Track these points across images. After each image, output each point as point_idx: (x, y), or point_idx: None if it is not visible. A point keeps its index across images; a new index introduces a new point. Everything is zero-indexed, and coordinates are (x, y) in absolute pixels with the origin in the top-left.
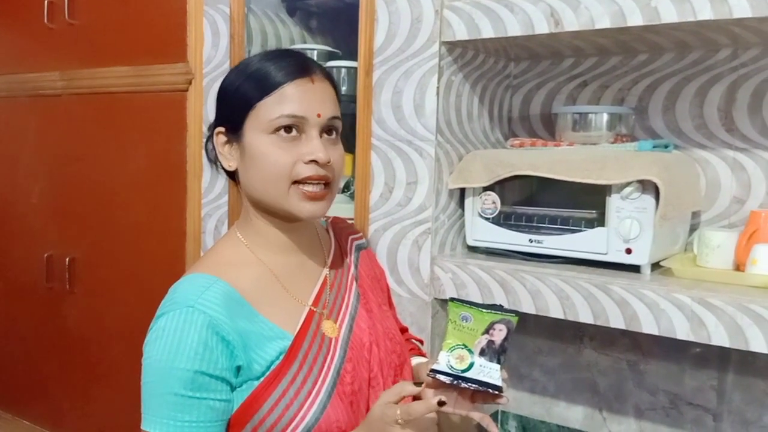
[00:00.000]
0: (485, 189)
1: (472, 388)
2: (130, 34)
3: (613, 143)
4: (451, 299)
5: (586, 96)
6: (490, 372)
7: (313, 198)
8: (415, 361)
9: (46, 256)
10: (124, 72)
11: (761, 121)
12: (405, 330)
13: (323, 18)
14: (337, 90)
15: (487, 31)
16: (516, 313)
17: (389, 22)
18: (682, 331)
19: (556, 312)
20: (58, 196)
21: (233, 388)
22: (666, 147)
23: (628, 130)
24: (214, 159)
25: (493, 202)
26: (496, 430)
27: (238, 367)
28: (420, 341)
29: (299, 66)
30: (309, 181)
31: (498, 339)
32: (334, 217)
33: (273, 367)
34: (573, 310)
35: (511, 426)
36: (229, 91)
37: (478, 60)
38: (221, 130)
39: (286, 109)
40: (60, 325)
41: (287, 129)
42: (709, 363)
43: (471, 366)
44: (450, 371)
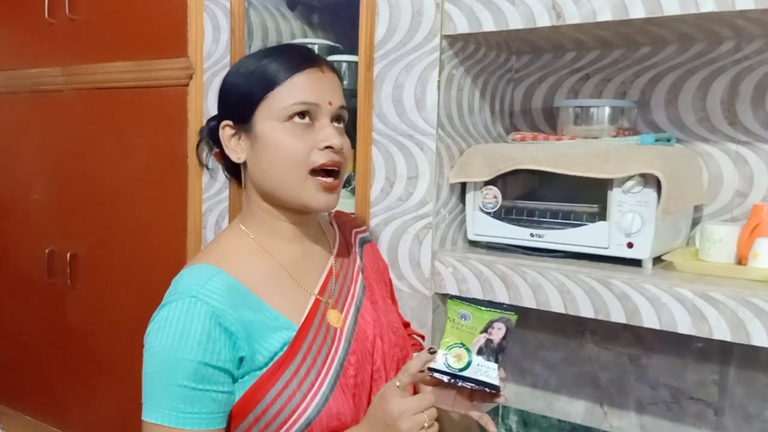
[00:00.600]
0: (486, 183)
1: (469, 387)
2: (131, 29)
3: (615, 137)
4: (451, 297)
5: (588, 89)
6: (488, 371)
7: (328, 189)
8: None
9: (47, 251)
10: (125, 67)
11: (764, 114)
12: (407, 325)
13: (324, 12)
14: (343, 82)
15: (489, 25)
16: (516, 311)
17: (390, 15)
18: (684, 325)
19: (557, 306)
20: (60, 192)
21: (235, 380)
22: (668, 140)
23: (630, 124)
24: (207, 163)
25: (495, 197)
26: (494, 429)
27: (241, 358)
28: (422, 336)
29: (309, 57)
30: (324, 167)
31: (496, 338)
32: (338, 211)
33: (276, 357)
34: (574, 305)
35: (512, 420)
36: (237, 83)
37: (480, 53)
38: (228, 123)
39: (299, 97)
40: (62, 320)
41: (301, 115)
42: (711, 357)
43: (468, 365)
44: (447, 370)
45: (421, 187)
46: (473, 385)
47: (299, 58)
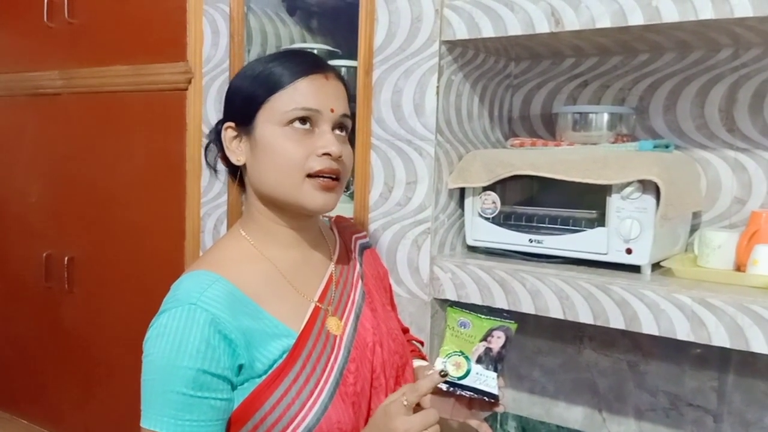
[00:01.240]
0: (485, 189)
1: (467, 395)
2: (130, 33)
3: (613, 143)
4: (450, 305)
5: (586, 96)
6: (487, 380)
7: (325, 188)
8: (415, 363)
9: (44, 255)
10: (123, 71)
11: (762, 121)
12: (406, 331)
13: (323, 17)
14: (349, 91)
15: (488, 31)
16: (514, 318)
17: (389, 21)
18: (683, 331)
19: (555, 312)
20: (57, 196)
21: (234, 387)
22: (667, 147)
23: (628, 130)
24: (214, 164)
25: (493, 202)
26: None
27: (240, 366)
28: (420, 342)
29: (314, 63)
30: (321, 174)
31: (496, 346)
32: (338, 216)
33: (276, 365)
34: (573, 311)
35: (511, 426)
36: (242, 86)
37: (479, 59)
38: (231, 125)
39: (300, 102)
40: (59, 324)
41: (302, 121)
42: (710, 364)
43: (467, 373)
44: (446, 378)
45: (420, 192)
46: (472, 393)
47: (305, 64)
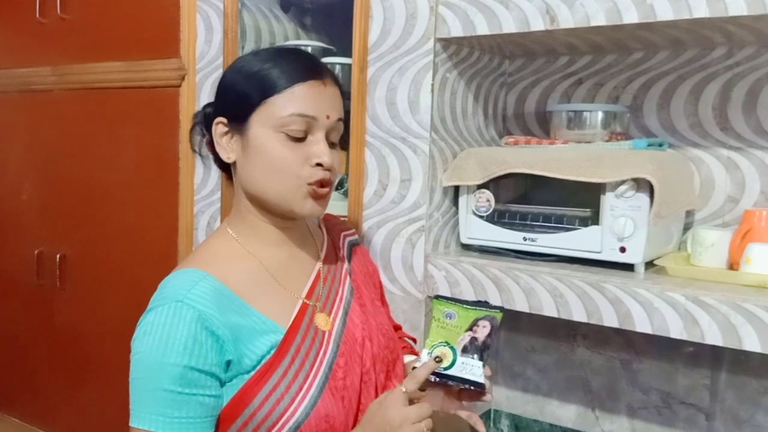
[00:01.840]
0: (479, 187)
1: (454, 385)
2: (123, 29)
3: (607, 141)
4: (436, 297)
5: (580, 94)
6: (473, 369)
7: (316, 197)
8: (407, 359)
9: (36, 252)
10: (116, 67)
11: (755, 119)
12: (398, 328)
13: (317, 14)
14: (344, 93)
15: (482, 28)
16: (501, 309)
17: (384, 18)
18: (676, 329)
19: (549, 310)
20: (49, 193)
21: (223, 384)
22: (660, 145)
23: (622, 129)
24: (200, 150)
25: (488, 200)
26: (483, 428)
27: (228, 362)
28: (413, 339)
29: (313, 67)
30: (313, 183)
31: (481, 336)
32: (327, 214)
33: (264, 361)
34: (566, 309)
35: (504, 424)
36: (237, 82)
37: (473, 57)
38: (222, 120)
39: (298, 108)
40: (50, 322)
41: (298, 126)
42: (702, 362)
43: (453, 363)
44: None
45: (414, 190)
46: (458, 383)
47: (303, 68)
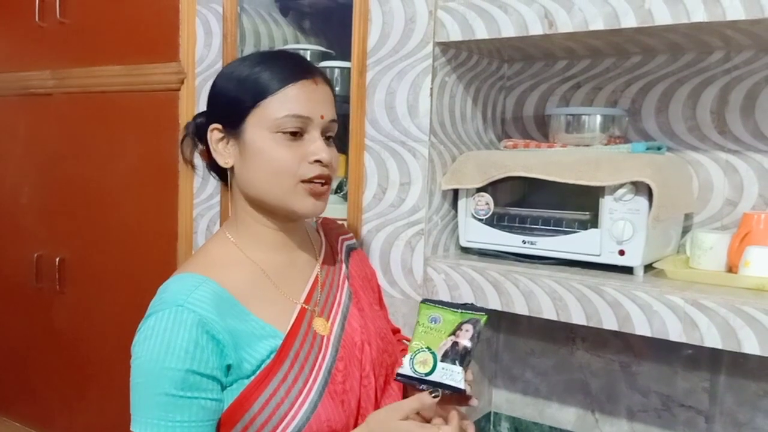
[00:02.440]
0: (478, 190)
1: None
2: (122, 33)
3: (606, 145)
4: (423, 300)
5: (579, 98)
6: (452, 375)
7: (316, 194)
8: None
9: (35, 256)
10: (115, 71)
11: (753, 123)
12: (397, 331)
13: (316, 18)
14: (335, 94)
15: (481, 32)
16: (486, 311)
17: (383, 22)
18: (675, 332)
19: (548, 313)
20: (49, 196)
21: (224, 387)
22: (659, 149)
23: (621, 132)
24: (191, 158)
25: (487, 203)
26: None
27: (228, 366)
28: None
29: (304, 68)
30: (312, 180)
31: (463, 340)
32: (324, 218)
33: (264, 365)
34: (566, 312)
35: (504, 427)
36: (228, 88)
37: (472, 61)
38: (217, 126)
39: (291, 109)
40: (50, 325)
41: (293, 127)
42: (701, 365)
43: (434, 369)
44: (414, 375)
45: (414, 193)
46: (439, 389)
47: (293, 69)
